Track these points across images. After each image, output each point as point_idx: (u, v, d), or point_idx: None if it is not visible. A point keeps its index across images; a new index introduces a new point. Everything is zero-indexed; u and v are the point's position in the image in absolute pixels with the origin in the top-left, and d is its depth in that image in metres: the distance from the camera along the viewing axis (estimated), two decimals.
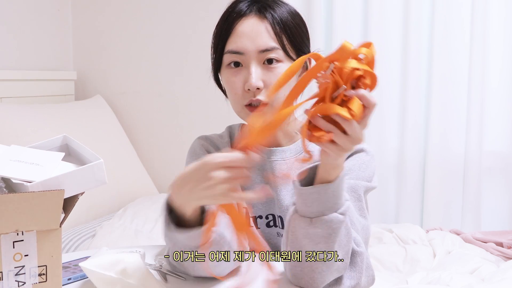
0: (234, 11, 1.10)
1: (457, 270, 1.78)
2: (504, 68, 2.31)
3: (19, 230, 0.82)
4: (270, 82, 1.07)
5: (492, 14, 2.26)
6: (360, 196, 1.06)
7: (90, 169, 0.89)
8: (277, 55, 1.07)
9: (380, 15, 2.38)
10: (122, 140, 2.67)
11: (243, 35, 1.08)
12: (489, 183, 2.36)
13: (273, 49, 1.07)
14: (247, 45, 1.07)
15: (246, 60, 1.08)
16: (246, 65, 1.08)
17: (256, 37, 1.07)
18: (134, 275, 0.91)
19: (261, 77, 1.07)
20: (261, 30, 1.07)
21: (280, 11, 1.10)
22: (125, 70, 2.86)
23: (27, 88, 2.56)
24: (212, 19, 3.01)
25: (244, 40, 1.07)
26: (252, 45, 1.07)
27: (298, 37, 1.10)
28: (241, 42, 1.08)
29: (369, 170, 1.10)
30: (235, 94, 1.10)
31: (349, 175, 1.07)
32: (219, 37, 1.12)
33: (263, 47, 1.07)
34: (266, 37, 1.07)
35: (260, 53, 1.07)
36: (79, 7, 2.90)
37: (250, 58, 1.07)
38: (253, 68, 1.07)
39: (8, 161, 0.88)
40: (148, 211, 2.22)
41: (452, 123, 2.34)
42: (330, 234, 0.89)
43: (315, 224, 0.89)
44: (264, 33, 1.07)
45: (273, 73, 1.07)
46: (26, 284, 0.83)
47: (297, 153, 1.16)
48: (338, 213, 0.89)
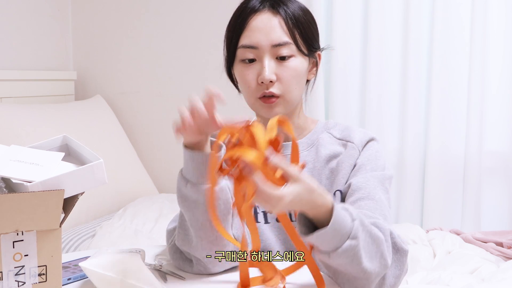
0: (248, 7, 1.13)
1: (457, 270, 1.78)
2: (504, 68, 2.31)
3: (19, 230, 0.82)
4: (282, 76, 1.10)
5: (492, 14, 2.26)
6: (387, 189, 1.12)
7: (90, 169, 0.89)
8: (290, 49, 1.10)
9: (380, 15, 2.38)
10: (122, 140, 2.67)
11: (257, 30, 1.10)
12: (489, 183, 2.36)
13: (286, 44, 1.10)
14: (260, 39, 1.10)
15: (260, 54, 1.11)
16: (260, 59, 1.11)
17: (269, 31, 1.10)
18: (134, 275, 0.91)
19: (274, 71, 1.10)
20: (275, 25, 1.10)
21: (293, 7, 1.13)
22: (125, 70, 2.86)
23: (27, 88, 2.56)
24: (212, 19, 3.01)
25: (257, 34, 1.10)
26: (266, 40, 1.10)
27: (309, 33, 1.13)
28: (255, 37, 1.10)
29: (383, 157, 1.16)
30: (248, 87, 1.13)
31: (368, 165, 1.12)
32: (233, 32, 1.14)
33: (276, 42, 1.09)
34: (279, 32, 1.10)
35: (273, 48, 1.10)
36: (79, 7, 2.89)
37: (264, 52, 1.10)
38: (267, 61, 1.09)
39: (8, 161, 0.88)
40: (148, 211, 2.22)
41: (452, 123, 2.34)
42: (352, 259, 0.91)
43: (334, 258, 0.91)
44: (277, 28, 1.10)
45: (285, 67, 1.10)
46: (26, 284, 0.83)
47: (309, 146, 1.18)
48: (350, 239, 0.90)
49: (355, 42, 2.44)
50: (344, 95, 2.45)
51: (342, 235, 0.89)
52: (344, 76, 2.44)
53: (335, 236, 0.89)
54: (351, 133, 1.18)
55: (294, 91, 1.12)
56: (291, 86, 1.10)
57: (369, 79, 2.40)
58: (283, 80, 1.10)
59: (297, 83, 1.12)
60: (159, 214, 2.19)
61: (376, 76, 2.40)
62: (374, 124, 2.40)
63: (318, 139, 1.18)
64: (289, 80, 1.10)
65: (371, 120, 2.40)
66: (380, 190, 1.10)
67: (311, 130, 1.20)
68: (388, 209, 1.09)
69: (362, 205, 1.06)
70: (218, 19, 2.72)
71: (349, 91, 2.45)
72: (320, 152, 1.17)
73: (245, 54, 1.12)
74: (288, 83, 1.10)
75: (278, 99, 1.10)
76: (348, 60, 2.45)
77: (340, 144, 1.17)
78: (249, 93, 1.13)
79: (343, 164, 1.14)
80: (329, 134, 1.19)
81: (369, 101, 2.41)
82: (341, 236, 0.89)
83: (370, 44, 2.40)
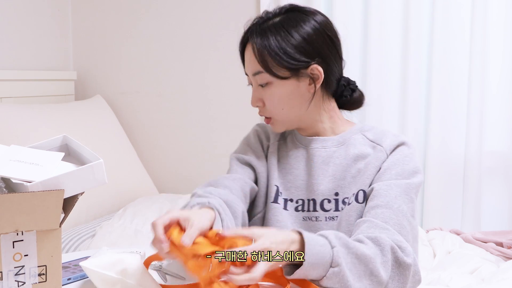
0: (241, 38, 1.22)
1: (457, 270, 1.78)
2: (504, 68, 2.30)
3: (19, 230, 0.82)
4: (266, 101, 1.19)
5: (492, 14, 2.26)
6: (412, 198, 1.13)
7: (90, 169, 0.89)
8: (263, 77, 1.17)
9: (380, 15, 2.38)
10: (122, 140, 2.67)
11: (246, 60, 1.22)
12: (489, 183, 2.36)
13: (258, 73, 1.17)
14: (247, 68, 1.22)
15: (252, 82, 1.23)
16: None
17: (248, 62, 1.20)
18: (134, 275, 0.91)
19: (259, 97, 1.20)
20: (250, 55, 1.18)
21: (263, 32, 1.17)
22: (125, 70, 2.86)
23: (27, 88, 2.56)
24: (211, 19, 3.01)
25: (246, 64, 1.22)
26: (248, 70, 1.21)
27: (283, 55, 1.15)
28: (245, 67, 1.23)
29: (413, 162, 1.17)
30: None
31: (394, 170, 1.14)
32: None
33: (252, 72, 1.19)
34: (253, 62, 1.18)
35: (253, 76, 1.19)
36: (79, 7, 2.89)
37: (252, 81, 1.21)
38: (253, 89, 1.22)
39: (8, 161, 0.88)
40: (148, 211, 2.22)
41: (452, 124, 2.34)
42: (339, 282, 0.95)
43: (323, 283, 0.96)
44: (252, 58, 1.18)
45: (266, 93, 1.19)
46: (26, 284, 0.83)
47: (339, 144, 1.22)
48: (332, 267, 0.94)
49: (355, 42, 2.44)
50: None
51: (323, 264, 0.94)
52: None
53: (316, 268, 0.94)
54: (383, 137, 1.20)
55: (282, 112, 1.19)
56: (277, 109, 1.19)
57: (369, 79, 2.40)
58: (267, 105, 1.20)
59: (284, 104, 1.18)
60: (159, 214, 2.19)
61: (376, 76, 2.40)
62: (374, 124, 2.40)
63: (350, 138, 1.22)
64: (273, 104, 1.19)
65: (371, 120, 2.40)
66: (402, 199, 1.11)
67: (346, 131, 1.24)
68: (407, 219, 1.09)
69: (378, 213, 1.08)
70: (218, 19, 2.73)
71: None
72: (349, 150, 1.20)
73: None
74: (272, 107, 1.19)
75: (271, 120, 1.21)
76: (348, 60, 2.41)
77: (371, 146, 1.20)
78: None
79: (369, 166, 1.17)
80: (363, 135, 1.22)
81: (369, 101, 2.39)
82: (323, 266, 0.94)
83: (370, 44, 2.40)
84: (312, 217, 1.19)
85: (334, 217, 1.17)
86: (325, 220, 1.18)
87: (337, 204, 1.18)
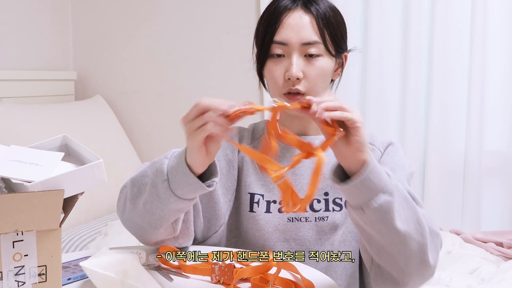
0: (281, 5, 1.15)
1: (457, 270, 1.78)
2: (504, 68, 2.31)
3: (19, 230, 0.82)
4: (309, 74, 1.12)
5: (492, 14, 2.26)
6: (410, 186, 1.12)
7: (89, 169, 0.89)
8: (318, 49, 1.12)
9: (380, 15, 2.38)
10: (122, 140, 2.67)
11: (289, 27, 1.12)
12: (489, 183, 2.36)
13: (315, 43, 1.12)
14: (291, 36, 1.12)
15: (289, 51, 1.13)
16: (288, 56, 1.13)
17: (300, 29, 1.12)
18: (134, 275, 0.91)
19: (301, 68, 1.12)
20: (306, 23, 1.12)
21: (324, 7, 1.15)
22: (125, 70, 2.86)
23: (27, 88, 2.56)
24: (211, 19, 3.00)
25: (289, 31, 1.12)
26: (296, 37, 1.12)
27: (338, 34, 1.16)
28: (286, 34, 1.12)
29: (404, 158, 1.18)
30: (275, 82, 1.15)
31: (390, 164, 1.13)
32: (267, 29, 1.15)
33: (306, 40, 1.12)
34: (309, 31, 1.12)
35: (303, 46, 1.12)
36: (79, 7, 2.89)
37: (293, 49, 1.12)
38: (295, 58, 1.12)
39: (8, 161, 0.88)
40: None
41: (452, 123, 2.34)
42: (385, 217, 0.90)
43: (367, 213, 0.90)
44: (308, 27, 1.12)
45: (313, 66, 1.12)
46: (26, 284, 0.83)
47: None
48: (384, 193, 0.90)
49: (355, 42, 2.44)
50: (344, 95, 2.44)
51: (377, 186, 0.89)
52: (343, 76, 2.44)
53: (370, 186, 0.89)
54: (372, 137, 1.21)
55: (319, 89, 1.14)
56: (317, 84, 1.12)
57: (369, 79, 2.40)
58: (309, 78, 1.12)
59: (323, 82, 1.14)
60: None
61: (376, 76, 2.40)
62: (374, 124, 2.40)
63: None
64: (315, 78, 1.13)
65: (371, 120, 2.40)
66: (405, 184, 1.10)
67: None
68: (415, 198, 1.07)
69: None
70: (218, 20, 2.73)
71: (349, 91, 2.45)
72: None
73: (274, 49, 1.14)
74: (314, 81, 1.13)
75: (303, 97, 1.11)
76: (348, 60, 2.44)
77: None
78: (275, 89, 1.15)
79: None
80: None
81: (369, 101, 2.41)
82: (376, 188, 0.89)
83: (370, 43, 2.40)
84: (300, 217, 1.16)
85: (325, 218, 1.15)
86: (315, 221, 1.16)
87: (327, 204, 1.17)
